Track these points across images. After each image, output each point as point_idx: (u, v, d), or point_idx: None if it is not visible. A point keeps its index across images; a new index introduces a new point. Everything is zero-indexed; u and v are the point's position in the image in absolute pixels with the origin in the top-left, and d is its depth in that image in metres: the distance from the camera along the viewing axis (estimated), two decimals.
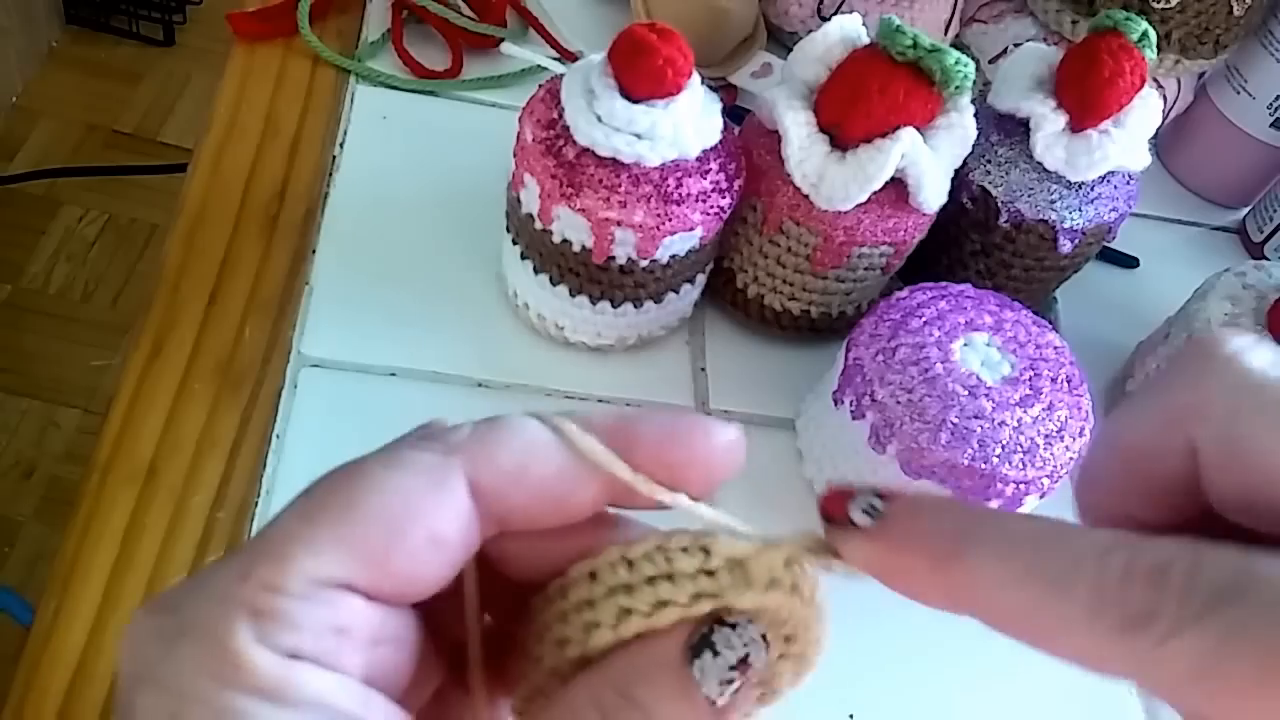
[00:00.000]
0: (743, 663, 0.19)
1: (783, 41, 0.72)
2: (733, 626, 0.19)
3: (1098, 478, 0.21)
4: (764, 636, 0.19)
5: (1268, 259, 0.71)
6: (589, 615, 0.20)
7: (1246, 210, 0.75)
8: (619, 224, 0.46)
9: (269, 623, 0.17)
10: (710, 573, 0.20)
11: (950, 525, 0.18)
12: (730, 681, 0.19)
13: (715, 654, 0.19)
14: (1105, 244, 0.56)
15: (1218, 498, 0.18)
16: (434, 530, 0.19)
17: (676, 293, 0.52)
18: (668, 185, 0.46)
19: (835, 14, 0.57)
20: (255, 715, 0.17)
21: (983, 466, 0.44)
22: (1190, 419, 0.19)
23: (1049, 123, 0.51)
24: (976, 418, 0.45)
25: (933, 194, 0.49)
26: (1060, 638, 0.17)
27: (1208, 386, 0.19)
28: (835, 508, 0.20)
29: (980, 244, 0.54)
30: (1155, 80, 0.69)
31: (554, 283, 0.51)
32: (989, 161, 0.52)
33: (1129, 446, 0.20)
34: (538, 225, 0.49)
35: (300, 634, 0.18)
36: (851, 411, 0.47)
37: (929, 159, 0.48)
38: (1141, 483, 0.20)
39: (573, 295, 0.51)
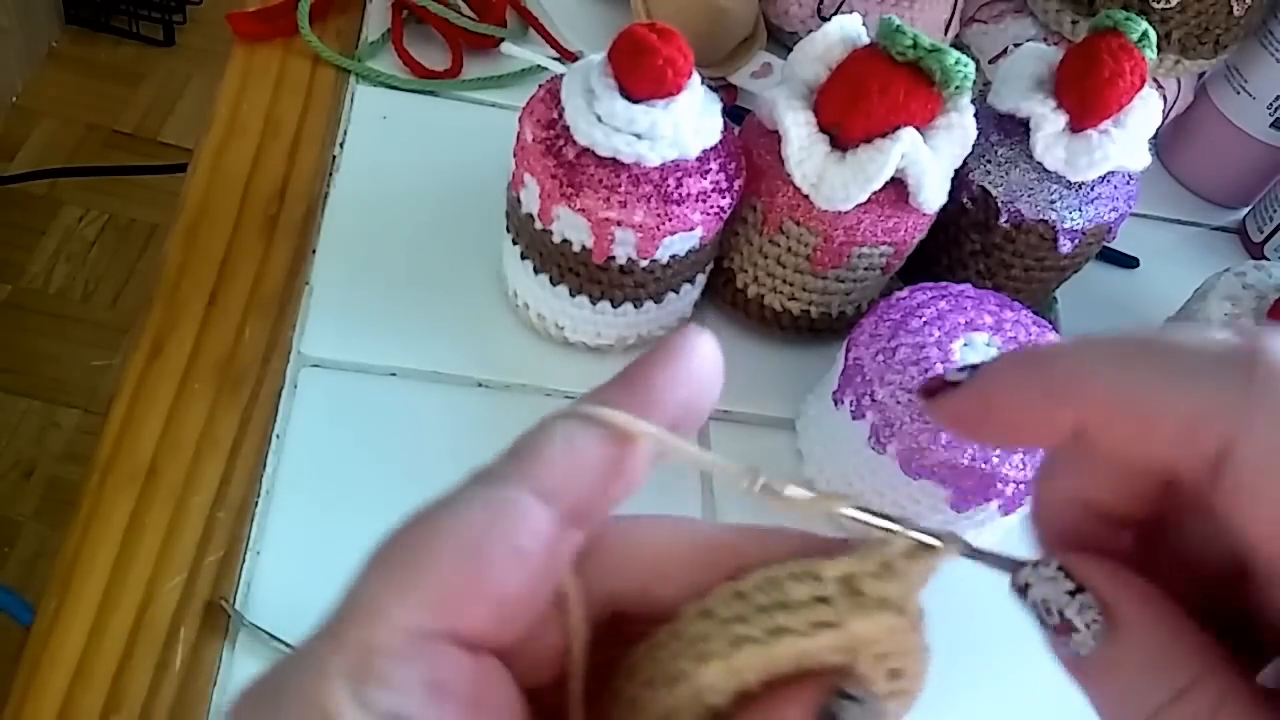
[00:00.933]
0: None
1: (783, 41, 0.72)
2: (858, 701, 0.18)
3: (1064, 472, 0.21)
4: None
5: (1268, 259, 0.71)
6: (702, 647, 0.19)
7: (1246, 210, 0.75)
8: (619, 224, 0.46)
9: (366, 683, 0.17)
10: (824, 600, 0.19)
11: (1048, 348, 0.19)
12: None
13: None
14: (1105, 244, 0.56)
15: (1236, 517, 0.17)
16: (513, 546, 0.18)
17: (676, 293, 0.52)
18: (668, 185, 0.46)
19: (835, 14, 0.57)
20: None
21: (983, 466, 0.44)
22: (1230, 425, 0.17)
23: (1049, 123, 0.51)
24: None
25: (933, 194, 0.49)
26: (1174, 401, 0.17)
27: (1259, 396, 0.17)
28: (933, 384, 0.20)
29: (980, 244, 0.54)
30: (1155, 80, 0.69)
31: (554, 283, 0.51)
32: (989, 161, 0.52)
33: (1132, 416, 0.19)
34: (538, 225, 0.49)
35: (398, 694, 0.17)
36: (851, 411, 0.47)
37: (929, 159, 0.48)
38: (1140, 492, 0.20)
39: (573, 295, 0.51)
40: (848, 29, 0.48)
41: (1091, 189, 0.52)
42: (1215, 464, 0.17)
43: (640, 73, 0.44)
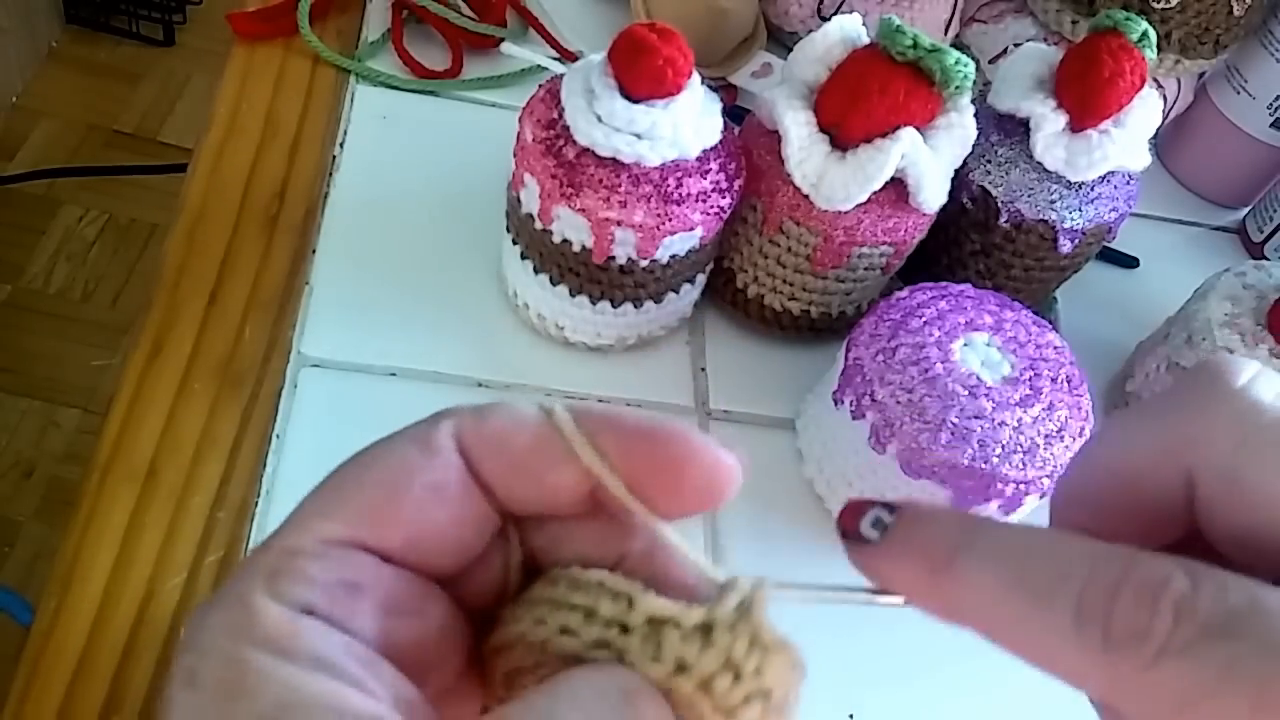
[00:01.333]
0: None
1: (783, 41, 0.72)
2: None
3: (1081, 497, 0.20)
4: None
5: (1268, 259, 0.71)
6: (539, 613, 0.20)
7: (1246, 210, 0.75)
8: (619, 224, 0.46)
9: (283, 579, 0.18)
10: (625, 628, 0.19)
11: (947, 536, 0.18)
12: None
13: None
14: (1105, 244, 0.56)
15: (1214, 531, 0.18)
16: (430, 480, 0.20)
17: (676, 293, 0.52)
18: (668, 185, 0.46)
19: (835, 14, 0.57)
20: (262, 666, 0.17)
21: (983, 466, 0.44)
22: (1191, 448, 0.18)
23: (1049, 123, 0.51)
24: (976, 418, 0.45)
25: (933, 194, 0.49)
26: (1045, 651, 0.16)
27: (1213, 415, 0.18)
28: (849, 522, 0.20)
29: (980, 244, 0.54)
30: (1155, 80, 0.69)
31: (554, 283, 0.51)
32: (989, 161, 0.52)
33: (1120, 469, 0.20)
34: (538, 225, 0.49)
35: (312, 588, 0.18)
36: (851, 411, 0.47)
37: (929, 159, 0.48)
38: (1130, 506, 0.19)
39: (573, 295, 0.51)
40: (848, 29, 0.48)
41: (1091, 189, 0.52)
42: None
43: (640, 73, 0.44)
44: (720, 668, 0.18)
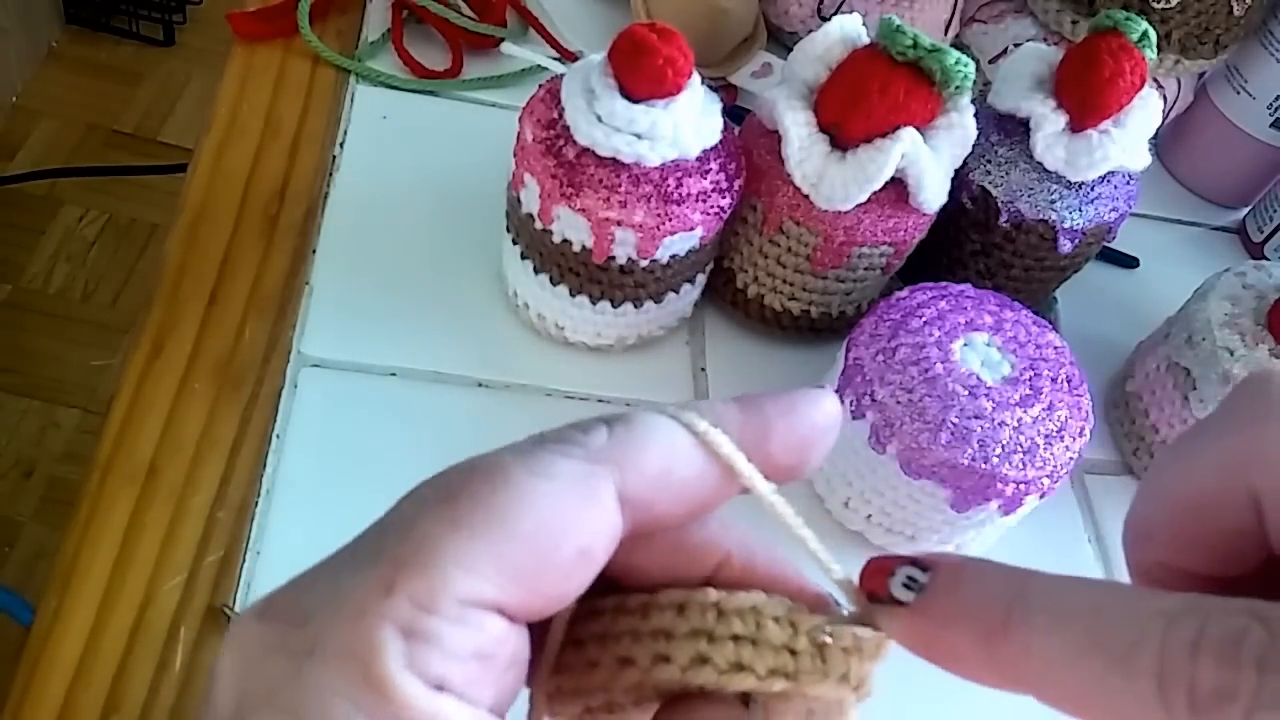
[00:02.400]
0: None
1: (783, 41, 0.72)
2: None
3: (1149, 533, 0.19)
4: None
5: (1268, 259, 0.71)
6: (663, 647, 0.19)
7: (1246, 210, 0.75)
8: (619, 224, 0.46)
9: (420, 647, 0.16)
10: (794, 651, 0.19)
11: (998, 595, 0.17)
12: None
13: None
14: (1105, 244, 0.56)
15: None
16: (584, 546, 0.18)
17: (676, 293, 0.52)
18: (668, 185, 0.46)
19: (835, 14, 0.57)
20: None
21: (983, 466, 0.44)
22: (1252, 466, 0.17)
23: (1049, 123, 0.51)
24: (976, 418, 0.45)
25: (933, 194, 0.49)
26: (1122, 717, 0.15)
27: (1270, 430, 0.17)
28: (876, 584, 0.19)
29: (980, 244, 0.54)
30: (1155, 80, 0.69)
31: (554, 283, 0.51)
32: (989, 161, 0.52)
33: (1183, 499, 0.18)
34: (538, 225, 0.49)
35: (450, 662, 0.16)
36: (851, 411, 0.47)
37: (929, 159, 0.48)
38: (1200, 537, 0.18)
39: (573, 295, 0.51)
40: (848, 29, 0.48)
41: (1091, 189, 0.52)
42: None
43: (640, 73, 0.44)
44: (868, 674, 0.19)
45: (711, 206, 0.47)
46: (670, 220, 0.46)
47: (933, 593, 0.18)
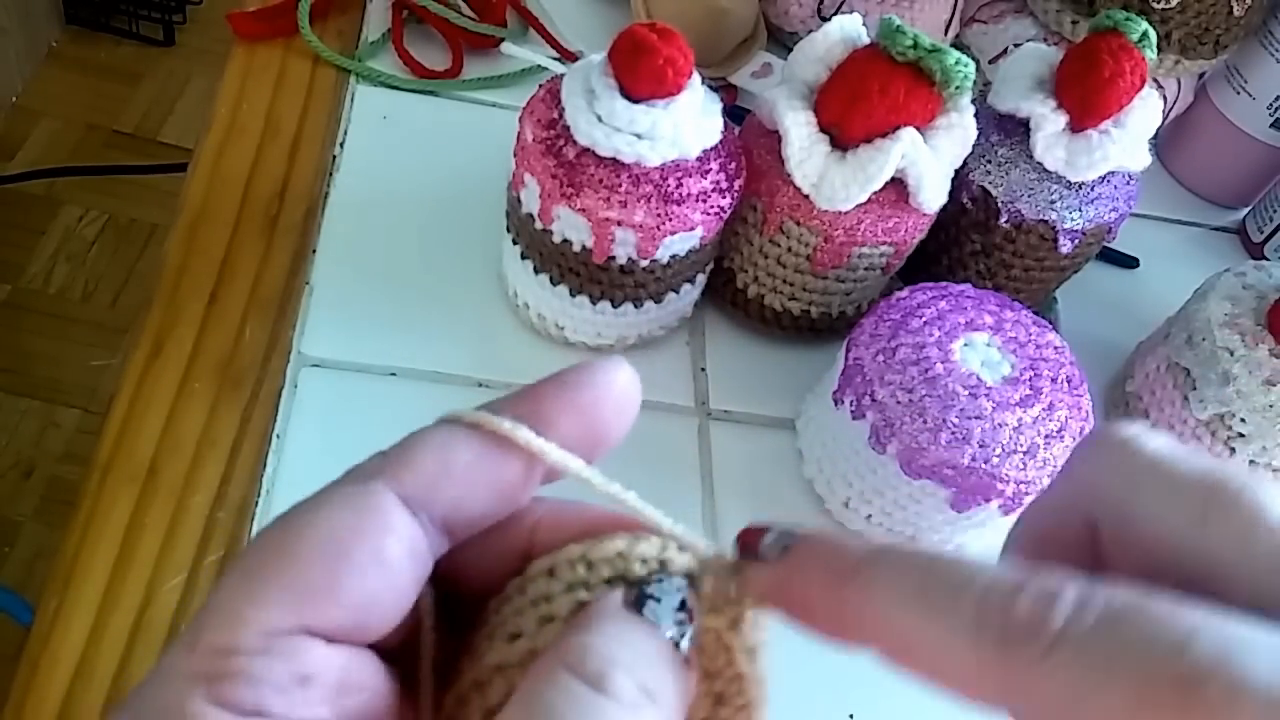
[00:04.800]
0: (684, 607, 0.19)
1: (783, 41, 0.72)
2: (659, 581, 0.19)
3: (1015, 558, 0.21)
4: (689, 583, 0.19)
5: (1268, 259, 0.71)
6: (545, 609, 0.20)
7: (1246, 210, 0.75)
8: (619, 224, 0.46)
9: (226, 684, 0.17)
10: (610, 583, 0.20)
11: (853, 552, 0.18)
12: (682, 624, 0.19)
13: (657, 600, 0.19)
14: (1105, 244, 0.56)
15: (1117, 573, 0.18)
16: (374, 549, 0.18)
17: (676, 293, 0.52)
18: (668, 185, 0.46)
19: (835, 14, 0.57)
20: None
21: (983, 466, 0.44)
22: (1088, 496, 0.19)
23: (1049, 123, 0.51)
24: (976, 418, 0.45)
25: (933, 194, 0.49)
26: (944, 658, 0.16)
27: (1103, 465, 0.19)
28: (751, 539, 0.20)
29: (980, 244, 0.54)
30: (1155, 80, 0.69)
31: (554, 283, 0.51)
32: (989, 161, 0.52)
33: (1034, 532, 0.21)
34: (538, 225, 0.49)
35: (261, 689, 0.17)
36: (851, 411, 0.47)
37: (929, 159, 0.48)
38: (1056, 560, 0.20)
39: (573, 295, 0.51)
40: (848, 29, 0.48)
41: (1091, 189, 0.52)
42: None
43: (640, 73, 0.44)
44: (743, 609, 0.19)
45: (711, 206, 0.47)
46: (670, 220, 0.46)
47: (795, 548, 0.19)
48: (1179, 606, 0.15)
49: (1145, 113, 0.52)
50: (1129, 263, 0.69)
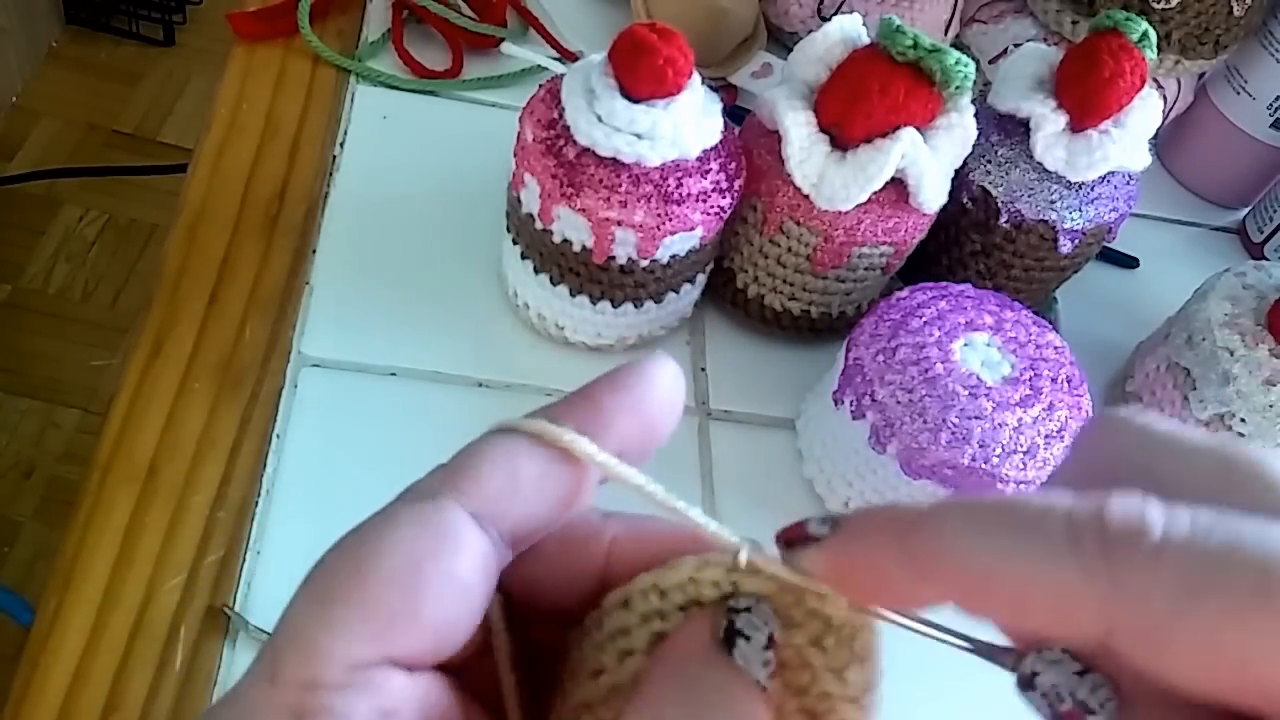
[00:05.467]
0: (770, 641, 0.19)
1: (783, 41, 0.72)
2: (747, 610, 0.19)
3: None
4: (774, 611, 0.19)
5: (1268, 259, 0.71)
6: (623, 643, 0.20)
7: (1246, 210, 0.75)
8: (619, 224, 0.46)
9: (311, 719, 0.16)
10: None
11: (909, 509, 0.17)
12: (768, 663, 0.18)
13: (747, 639, 0.18)
14: (1105, 244, 0.56)
15: None
16: (449, 570, 0.18)
17: (676, 293, 0.52)
18: (668, 185, 0.46)
19: (835, 14, 0.57)
20: None
21: (983, 466, 0.44)
22: (1106, 469, 0.18)
23: (1049, 123, 0.51)
24: (976, 418, 0.45)
25: (933, 194, 0.49)
26: (1033, 584, 0.15)
27: (1119, 438, 0.18)
28: (793, 532, 0.19)
29: (980, 244, 0.54)
30: (1155, 80, 0.69)
31: (554, 283, 0.51)
32: (989, 161, 0.52)
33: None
34: (538, 225, 0.49)
35: None
36: (851, 411, 0.47)
37: (929, 159, 0.48)
38: None
39: (573, 295, 0.51)
40: (848, 29, 0.48)
41: (1091, 189, 0.52)
42: (1102, 641, 0.16)
43: (640, 73, 0.44)
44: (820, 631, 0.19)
45: (711, 206, 0.47)
46: (670, 220, 0.46)
47: (846, 521, 0.18)
48: (1267, 522, 0.15)
49: (1145, 113, 0.52)
50: (1129, 263, 0.69)
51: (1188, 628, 0.14)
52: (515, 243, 0.52)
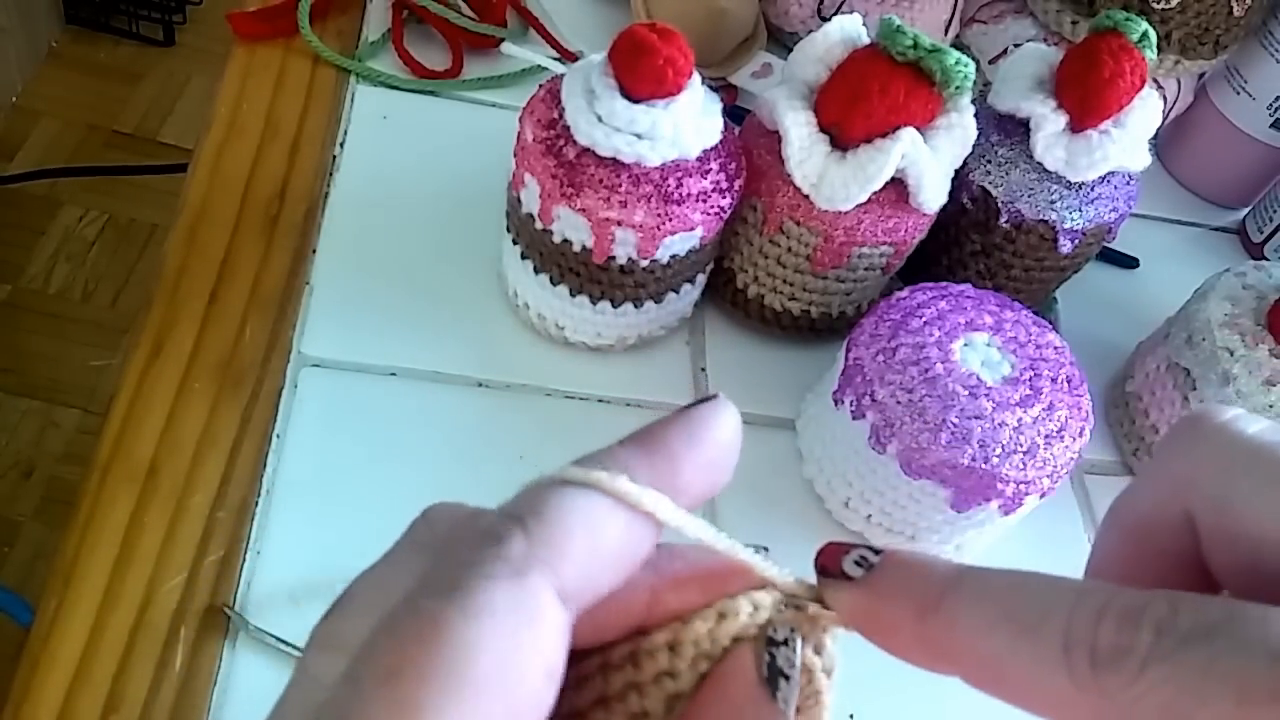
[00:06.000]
0: (803, 673, 0.19)
1: (783, 41, 0.72)
2: (784, 643, 0.19)
3: (1107, 560, 0.21)
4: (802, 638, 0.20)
5: (1268, 259, 0.71)
6: (670, 686, 0.19)
7: (1246, 210, 0.75)
8: (619, 224, 0.46)
9: None
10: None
11: (936, 578, 0.18)
12: (795, 699, 0.19)
13: (787, 679, 0.19)
14: (1105, 244, 0.56)
15: (1217, 566, 0.18)
16: (547, 666, 0.17)
17: (676, 293, 0.52)
18: (668, 185, 0.46)
19: (835, 14, 0.57)
20: None
21: (983, 466, 0.44)
22: (1185, 488, 0.18)
23: (1049, 123, 0.51)
24: (976, 418, 0.45)
25: (933, 194, 0.49)
26: (1032, 683, 0.16)
27: (1200, 453, 0.18)
28: (830, 561, 0.19)
29: (980, 244, 0.54)
30: (1155, 80, 0.69)
31: (554, 283, 0.51)
32: (989, 162, 0.52)
33: (1130, 523, 0.20)
34: (538, 225, 0.49)
35: None
36: (851, 411, 0.47)
37: (929, 159, 0.48)
38: (1148, 559, 0.19)
39: (573, 295, 0.51)
40: (848, 29, 0.48)
41: (1091, 189, 0.52)
42: None
43: (640, 73, 0.44)
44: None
45: (711, 206, 0.47)
46: (670, 220, 0.46)
47: (879, 571, 0.19)
48: (1272, 612, 0.15)
49: (1145, 113, 0.52)
50: (1129, 263, 0.69)
51: None
52: (515, 243, 0.52)
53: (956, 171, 0.51)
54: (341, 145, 0.60)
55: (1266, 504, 0.17)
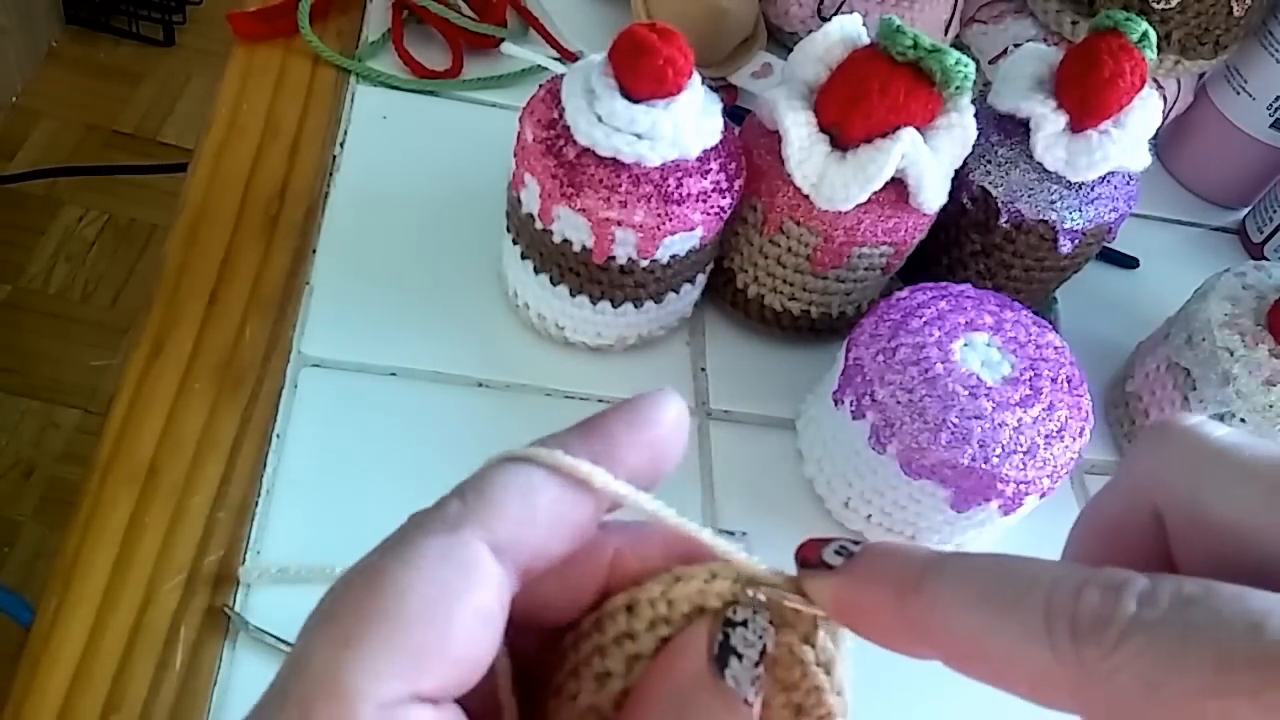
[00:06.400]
0: (762, 655, 0.19)
1: (783, 41, 0.72)
2: (744, 624, 0.19)
3: (1078, 560, 0.21)
4: (770, 622, 0.20)
5: (1268, 259, 0.71)
6: (631, 647, 0.20)
7: (1246, 210, 0.75)
8: (619, 224, 0.46)
9: None
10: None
11: (915, 562, 0.18)
12: (757, 679, 0.19)
13: (740, 657, 0.19)
14: (1105, 244, 0.56)
15: (1184, 563, 0.18)
16: (476, 606, 0.18)
17: (676, 293, 0.52)
18: (668, 185, 0.46)
19: (835, 14, 0.57)
20: None
21: (983, 466, 0.44)
22: (1154, 487, 0.19)
23: (1049, 123, 0.51)
24: (976, 418, 0.45)
25: (933, 194, 0.49)
26: (1013, 659, 0.16)
27: (1169, 454, 0.19)
28: (810, 553, 0.20)
29: (980, 244, 0.54)
30: (1155, 80, 0.69)
31: (554, 283, 0.51)
32: (989, 162, 0.52)
33: (1100, 524, 0.21)
34: (538, 225, 0.49)
35: None
36: (851, 411, 0.47)
37: (929, 159, 0.48)
38: (1117, 559, 0.19)
39: (573, 295, 0.51)
40: (848, 29, 0.48)
41: (1091, 189, 0.52)
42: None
43: (641, 73, 0.44)
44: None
45: (711, 206, 0.47)
46: (670, 220, 0.46)
47: (859, 557, 0.19)
48: (1248, 590, 0.15)
49: (1145, 113, 0.52)
50: (1129, 263, 0.69)
51: (1153, 714, 0.15)
52: (515, 243, 0.52)
53: (956, 171, 0.51)
54: (341, 145, 0.60)
55: (1233, 501, 0.18)
